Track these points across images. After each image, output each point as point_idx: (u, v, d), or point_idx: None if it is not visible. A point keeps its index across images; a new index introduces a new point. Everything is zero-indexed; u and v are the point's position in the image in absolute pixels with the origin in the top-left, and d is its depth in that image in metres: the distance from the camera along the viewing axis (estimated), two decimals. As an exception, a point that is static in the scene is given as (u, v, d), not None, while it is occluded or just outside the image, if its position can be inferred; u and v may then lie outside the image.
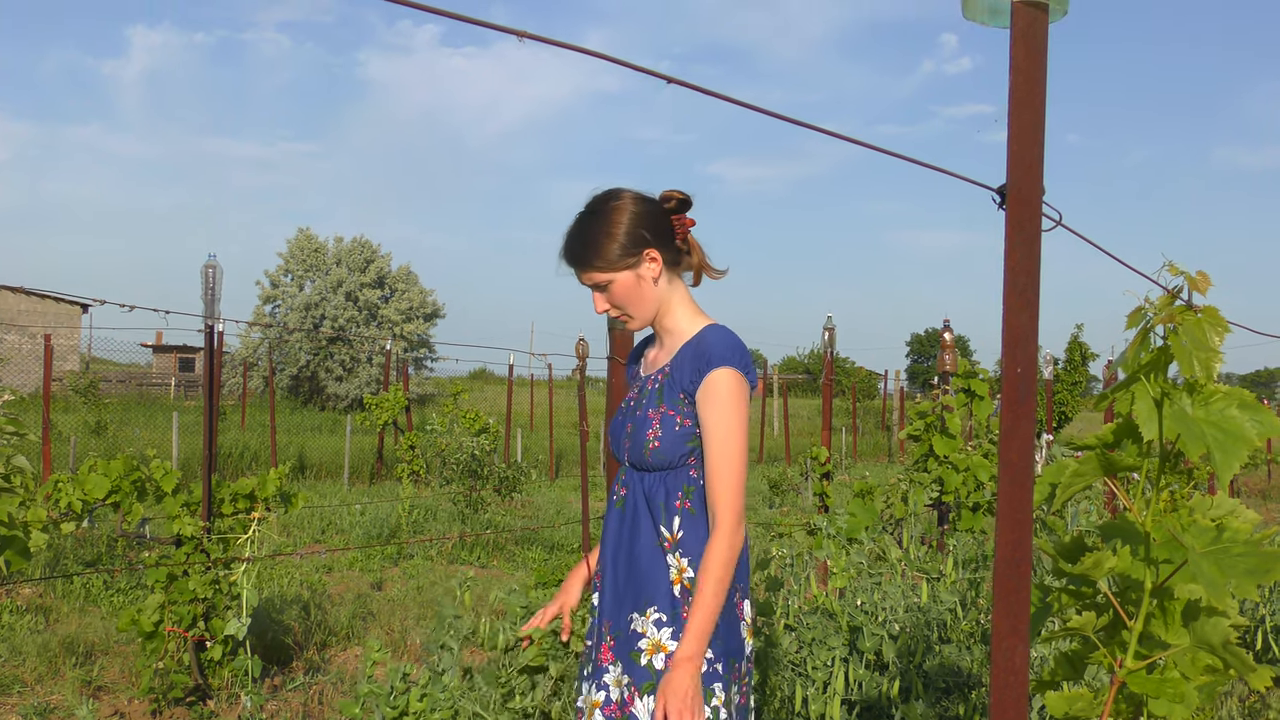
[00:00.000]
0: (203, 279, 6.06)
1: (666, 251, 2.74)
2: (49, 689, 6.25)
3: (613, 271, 2.71)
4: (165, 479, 6.26)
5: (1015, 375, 1.31)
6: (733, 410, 2.60)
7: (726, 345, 2.65)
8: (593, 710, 2.70)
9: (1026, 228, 1.30)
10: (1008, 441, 1.32)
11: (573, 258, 2.75)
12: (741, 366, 2.63)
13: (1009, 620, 1.31)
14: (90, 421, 23.21)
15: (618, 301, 2.75)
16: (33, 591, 8.42)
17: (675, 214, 2.78)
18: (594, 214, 2.73)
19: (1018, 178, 1.30)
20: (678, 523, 2.67)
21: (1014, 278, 1.31)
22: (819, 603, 4.26)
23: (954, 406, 7.15)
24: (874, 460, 28.17)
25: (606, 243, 2.69)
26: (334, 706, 5.81)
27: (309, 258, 41.31)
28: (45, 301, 39.54)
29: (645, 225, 2.71)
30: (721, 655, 2.64)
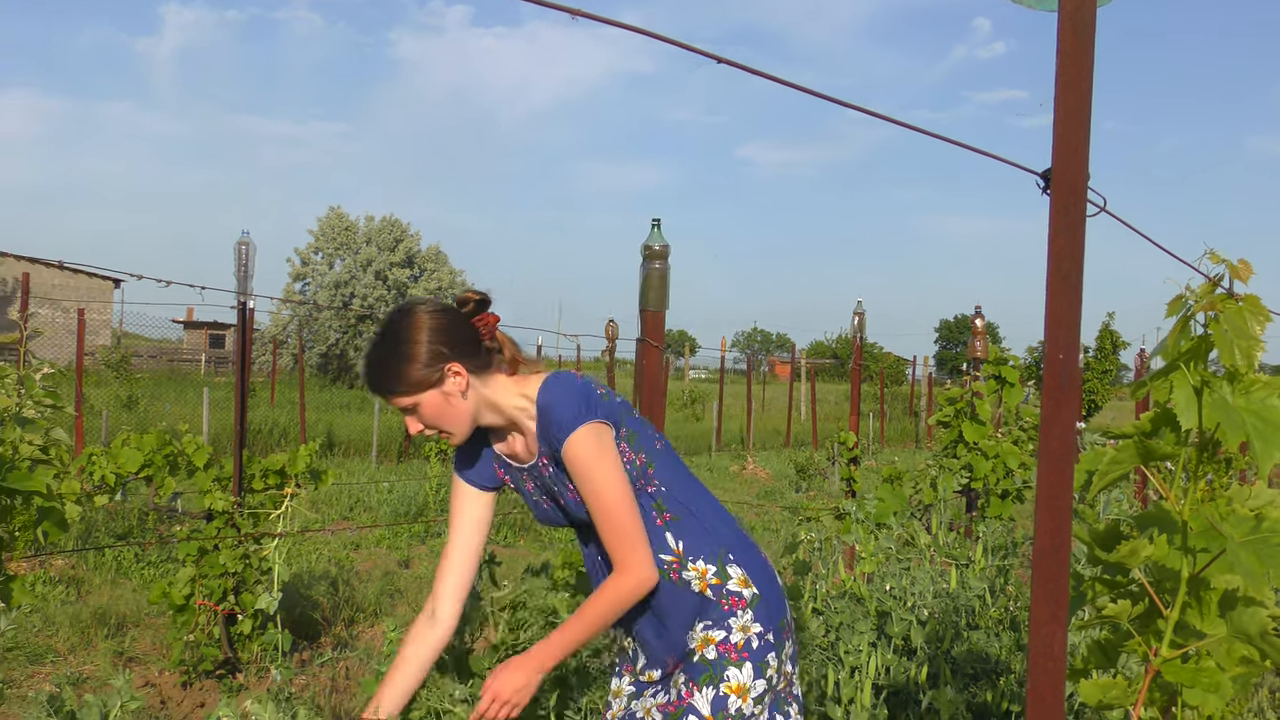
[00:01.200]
0: (236, 256, 6.09)
1: (471, 360, 2.63)
2: (81, 659, 6.32)
3: (416, 394, 2.60)
4: (197, 454, 6.30)
5: (1057, 361, 1.30)
6: (597, 470, 2.55)
7: (562, 406, 2.57)
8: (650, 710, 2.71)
9: (1071, 213, 1.29)
10: (1048, 428, 1.32)
11: (373, 385, 2.67)
12: (586, 415, 2.55)
13: (1048, 607, 1.30)
14: (122, 396, 23.40)
15: (430, 421, 2.65)
16: (65, 563, 8.51)
17: (476, 316, 2.69)
18: (388, 337, 2.63)
19: (1063, 162, 1.29)
20: (670, 537, 2.65)
21: (1058, 263, 1.31)
22: (847, 587, 4.26)
23: (984, 393, 7.12)
24: (901, 446, 28.11)
25: (404, 366, 2.59)
26: (360, 683, 5.86)
27: (339, 236, 41.48)
28: (78, 276, 39.86)
29: (443, 340, 2.61)
30: (768, 622, 2.65)
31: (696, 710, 2.60)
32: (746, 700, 2.60)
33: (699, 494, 2.72)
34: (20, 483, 2.74)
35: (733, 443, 25.83)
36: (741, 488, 17.21)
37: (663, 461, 2.68)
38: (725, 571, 2.65)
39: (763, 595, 2.65)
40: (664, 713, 2.65)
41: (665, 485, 2.65)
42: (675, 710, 2.62)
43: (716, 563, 2.65)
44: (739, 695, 2.60)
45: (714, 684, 2.60)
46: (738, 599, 2.64)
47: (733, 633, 2.61)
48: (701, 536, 2.65)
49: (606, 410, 2.59)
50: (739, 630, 2.61)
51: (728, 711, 2.58)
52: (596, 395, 2.60)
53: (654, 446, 2.68)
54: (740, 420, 28.10)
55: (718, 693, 2.60)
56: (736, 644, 2.61)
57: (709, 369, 57.55)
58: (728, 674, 2.60)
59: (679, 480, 2.69)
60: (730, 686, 2.59)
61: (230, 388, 27.83)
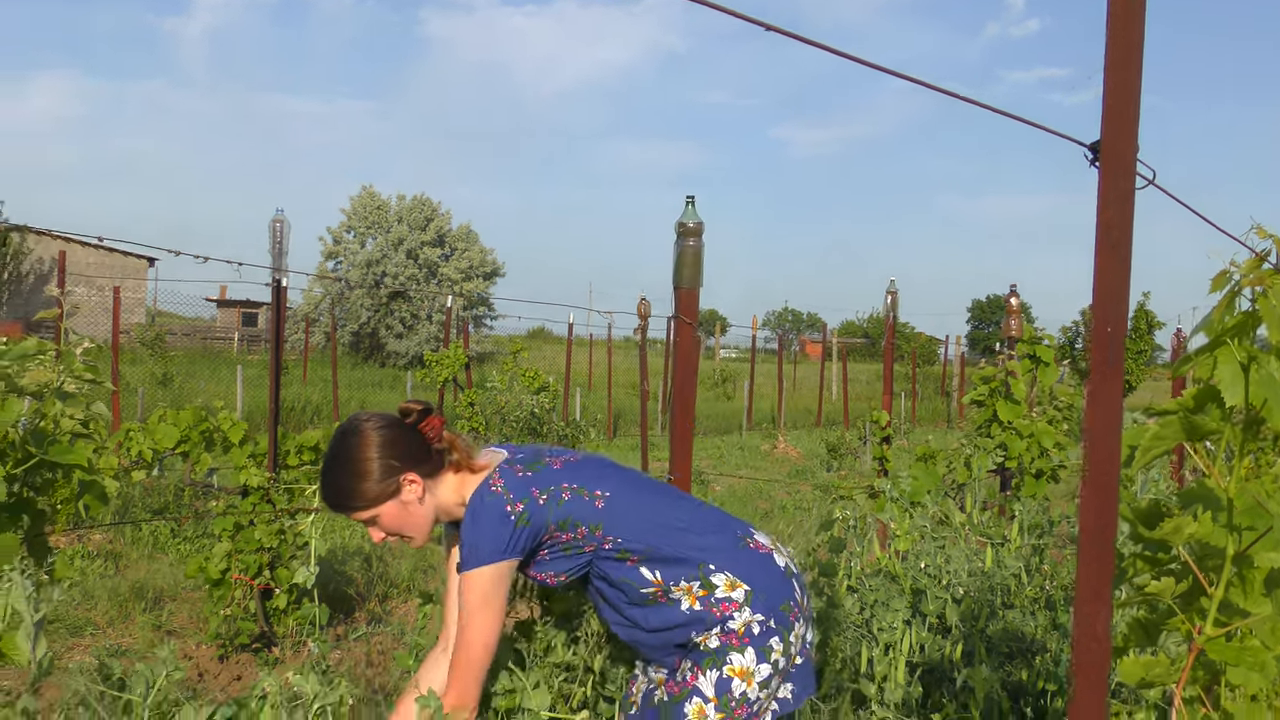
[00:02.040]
0: (270, 233, 6.12)
1: (423, 466, 2.72)
2: (120, 632, 6.38)
3: (375, 508, 2.69)
4: (232, 430, 6.35)
5: (1105, 334, 1.29)
6: (474, 617, 2.63)
7: (472, 540, 2.64)
8: (659, 684, 2.78)
9: (1120, 185, 1.28)
10: (1095, 403, 1.30)
11: (332, 505, 2.75)
12: (490, 555, 2.62)
13: (1092, 585, 1.29)
14: (157, 373, 23.58)
15: (390, 529, 2.74)
16: (103, 538, 8.60)
17: (420, 423, 2.75)
18: (339, 458, 2.71)
19: (1113, 134, 1.27)
20: (646, 571, 2.71)
21: (1106, 235, 1.29)
22: (882, 565, 4.25)
23: (1019, 372, 7.07)
24: (933, 426, 27.99)
25: (358, 484, 2.67)
26: (394, 658, 5.89)
27: (371, 215, 41.60)
28: (113, 255, 40.13)
29: (393, 453, 2.69)
30: (769, 610, 2.68)
31: (700, 691, 2.65)
32: (751, 684, 2.64)
33: (665, 519, 2.76)
34: (61, 456, 2.77)
35: (764, 422, 25.81)
36: (772, 466, 17.20)
37: (610, 515, 2.72)
38: (709, 583, 2.70)
39: (754, 588, 2.70)
40: (670, 694, 2.71)
41: (620, 535, 2.70)
42: (680, 691, 2.68)
43: (700, 578, 2.70)
44: (743, 678, 2.64)
45: (717, 667, 2.65)
46: (729, 603, 2.69)
47: (735, 628, 2.66)
48: (674, 564, 2.70)
49: (518, 537, 2.65)
50: (740, 625, 2.66)
51: (732, 694, 2.63)
52: (507, 528, 2.64)
53: (594, 509, 2.71)
54: (771, 399, 28.07)
55: (721, 675, 2.65)
56: (737, 631, 2.67)
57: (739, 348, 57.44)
58: (730, 658, 2.66)
59: (636, 521, 2.73)
60: (733, 669, 2.65)
61: (263, 365, 28.01)
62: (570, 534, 2.69)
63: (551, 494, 2.69)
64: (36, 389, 2.86)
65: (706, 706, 2.63)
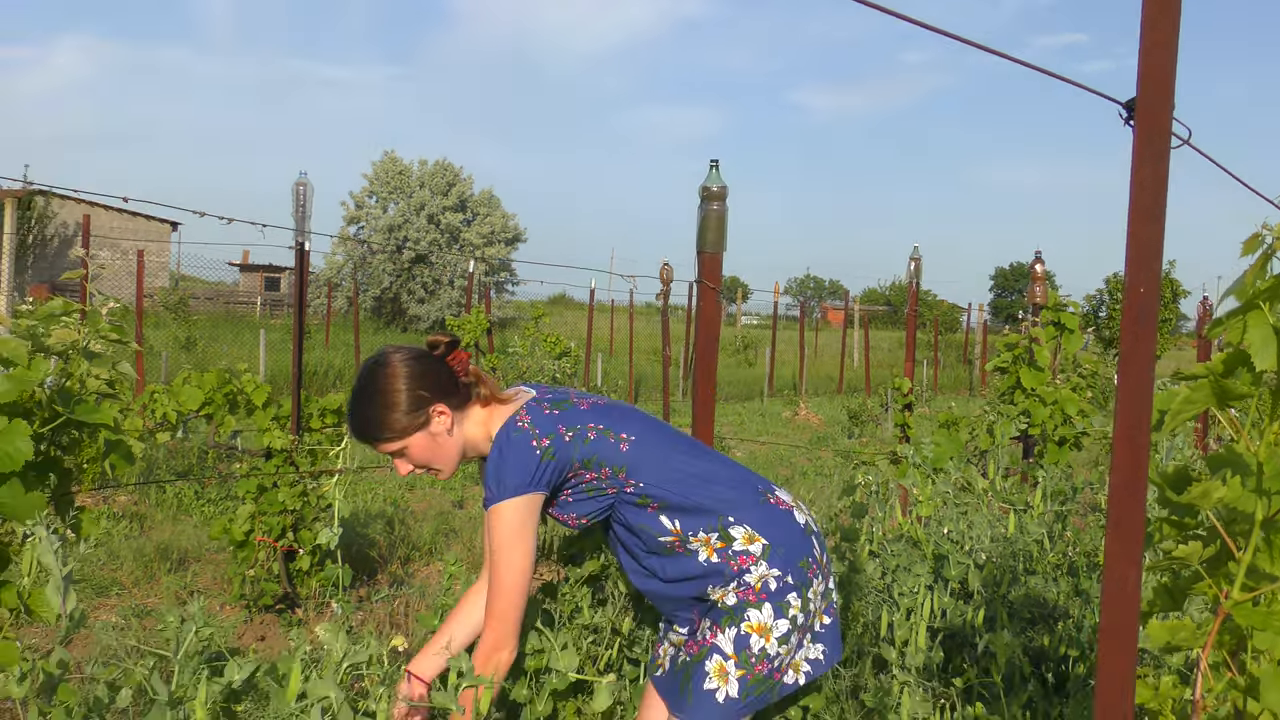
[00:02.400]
0: (294, 196, 6.12)
1: (451, 399, 2.72)
2: (145, 592, 6.44)
3: (404, 439, 2.70)
4: (256, 393, 6.38)
5: (1138, 294, 1.28)
6: (504, 549, 2.62)
7: (502, 471, 2.64)
8: (680, 643, 2.82)
9: (1156, 142, 1.26)
10: (1127, 363, 1.29)
11: (361, 435, 2.75)
12: (519, 488, 2.62)
13: (1122, 545, 1.29)
14: (180, 337, 23.70)
15: (419, 461, 2.75)
16: (128, 499, 8.67)
17: (448, 356, 2.77)
18: (368, 389, 2.71)
19: (1149, 91, 1.26)
20: (665, 519, 2.72)
21: (1140, 194, 1.27)
22: (904, 530, 4.24)
23: (1043, 339, 7.03)
24: (954, 394, 27.92)
25: (388, 414, 2.68)
26: (417, 619, 5.93)
27: (393, 180, 41.60)
28: (136, 219, 40.24)
29: (422, 384, 2.70)
30: (787, 566, 2.69)
31: (720, 649, 2.67)
32: (770, 640, 2.65)
33: (688, 468, 2.77)
34: (87, 415, 2.78)
35: (785, 388, 25.79)
36: (794, 433, 17.19)
37: (635, 459, 2.72)
38: (728, 535, 2.71)
39: (773, 544, 2.71)
40: (690, 653, 2.73)
41: (642, 480, 2.71)
42: (700, 650, 2.70)
43: (718, 529, 2.71)
44: (760, 634, 2.65)
45: (735, 624, 2.67)
46: (746, 556, 2.69)
47: (752, 583, 2.67)
48: (694, 513, 2.71)
49: (544, 471, 2.65)
50: (757, 579, 2.67)
51: (750, 650, 2.65)
52: (533, 461, 2.64)
53: (619, 452, 2.72)
54: (792, 366, 28.04)
55: (739, 631, 2.67)
56: (754, 586, 2.68)
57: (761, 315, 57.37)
58: (748, 614, 2.67)
59: (660, 467, 2.73)
60: (751, 625, 2.66)
61: (285, 330, 28.14)
62: (594, 474, 2.69)
63: (577, 432, 2.70)
64: (63, 349, 2.88)
65: (726, 663, 2.65)
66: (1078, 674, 3.64)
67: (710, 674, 2.65)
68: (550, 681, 3.05)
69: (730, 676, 2.64)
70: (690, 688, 2.67)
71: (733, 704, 2.65)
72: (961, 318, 42.06)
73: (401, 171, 41.84)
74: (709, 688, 2.65)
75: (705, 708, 2.65)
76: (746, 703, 2.66)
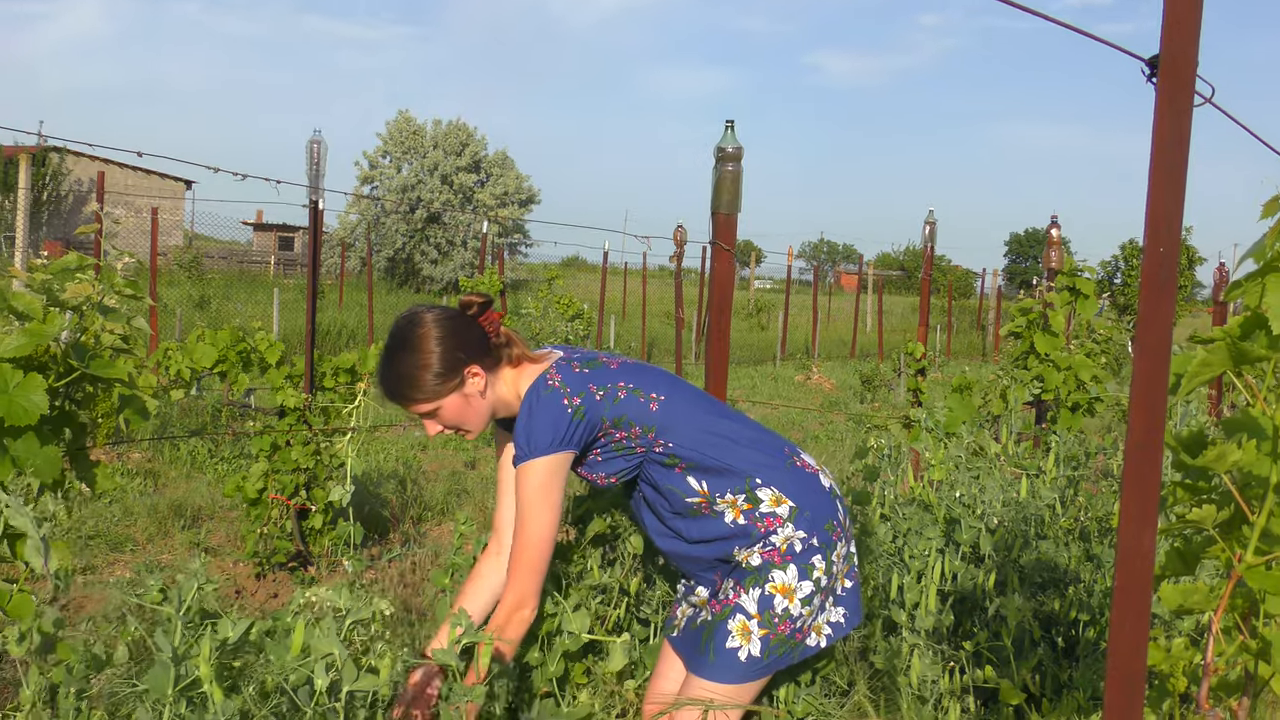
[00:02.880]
0: (308, 154, 6.10)
1: (485, 359, 2.69)
2: (159, 548, 6.48)
3: (438, 400, 2.66)
4: (269, 351, 6.39)
5: (1158, 255, 1.26)
6: (533, 506, 2.61)
7: (530, 430, 2.62)
8: (703, 605, 2.82)
9: (1178, 100, 1.25)
10: (1146, 324, 1.28)
11: (393, 395, 2.70)
12: (549, 447, 2.60)
13: (1138, 505, 1.28)
14: (194, 296, 23.77)
15: (450, 422, 2.71)
16: (142, 457, 8.71)
17: (480, 316, 2.72)
18: (402, 348, 2.66)
19: (1173, 48, 1.24)
20: (693, 480, 2.71)
21: (1161, 153, 1.26)
22: (915, 494, 4.24)
23: (1057, 304, 7.00)
24: (967, 359, 27.86)
25: (423, 375, 2.64)
26: (429, 577, 5.95)
27: (407, 140, 41.50)
28: (150, 177, 40.27)
29: (457, 345, 2.66)
30: (812, 528, 2.69)
31: (743, 608, 2.67)
32: (793, 601, 2.66)
33: (716, 430, 2.75)
34: (102, 370, 2.79)
35: (797, 353, 25.77)
36: (806, 397, 17.19)
37: (664, 419, 2.71)
38: (755, 497, 2.71)
39: (799, 506, 2.71)
40: (714, 612, 2.73)
41: (672, 441, 2.70)
42: (722, 609, 2.70)
43: (745, 491, 2.71)
44: (785, 595, 2.66)
45: (759, 584, 2.67)
46: (773, 519, 2.69)
47: (778, 544, 2.67)
48: (723, 473, 2.71)
49: (574, 430, 2.64)
50: (783, 541, 2.67)
51: (774, 610, 2.65)
52: (564, 419, 2.63)
53: (649, 411, 2.71)
54: (805, 331, 28.01)
55: (763, 592, 2.67)
56: (780, 548, 2.68)
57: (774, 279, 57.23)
58: (772, 575, 2.67)
59: (689, 427, 2.72)
60: (775, 586, 2.66)
61: (299, 289, 28.16)
62: (624, 433, 2.68)
63: (608, 391, 2.69)
64: (78, 304, 2.88)
65: (750, 623, 2.65)
66: (1088, 638, 3.65)
67: (733, 633, 2.66)
68: (562, 643, 3.06)
69: (753, 635, 2.65)
70: (712, 645, 2.68)
71: (754, 662, 2.65)
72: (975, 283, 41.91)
73: (415, 131, 41.73)
74: (731, 646, 2.66)
75: (727, 665, 2.66)
76: (768, 661, 2.66)
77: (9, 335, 2.63)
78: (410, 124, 41.91)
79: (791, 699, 3.13)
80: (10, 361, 2.57)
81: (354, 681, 2.22)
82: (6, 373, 2.53)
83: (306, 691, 2.22)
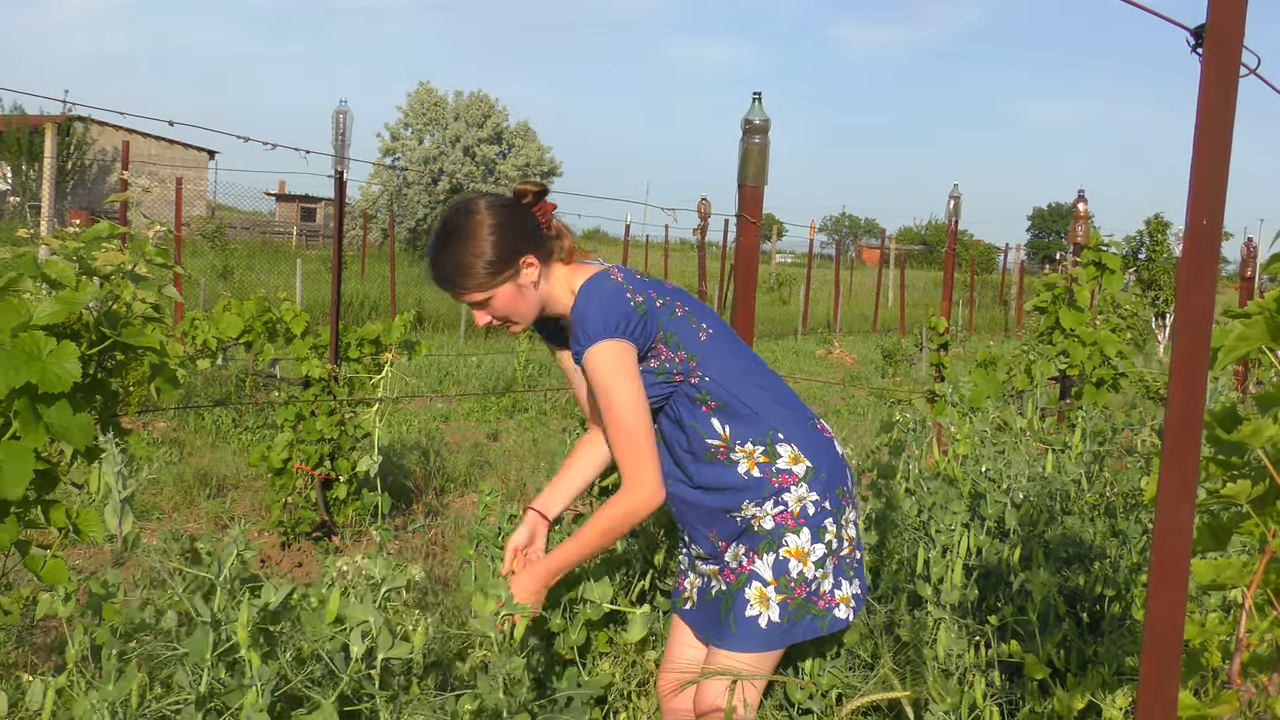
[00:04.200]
0: (333, 125, 6.10)
1: (540, 250, 2.63)
2: (185, 517, 6.54)
3: (492, 289, 2.60)
4: (295, 321, 6.42)
5: (1200, 227, 1.26)
6: (611, 387, 2.54)
7: (591, 316, 2.55)
8: (712, 575, 2.78)
9: (1224, 70, 1.24)
10: (1187, 296, 1.28)
11: (446, 283, 2.63)
12: (610, 330, 2.53)
13: (1177, 477, 1.28)
14: (218, 266, 23.85)
15: (500, 313, 2.65)
16: (167, 426, 8.77)
17: (535, 206, 2.67)
18: (457, 234, 2.59)
19: (1219, 16, 1.23)
20: (717, 423, 2.68)
21: (1206, 122, 1.25)
22: (941, 469, 4.24)
23: (1083, 279, 6.96)
24: (990, 335, 27.79)
25: (477, 262, 2.57)
26: (452, 548, 5.99)
27: (428, 111, 41.45)
28: (174, 147, 40.38)
29: (514, 232, 2.60)
30: (825, 491, 2.69)
31: (759, 575, 2.66)
32: (807, 564, 2.66)
33: (750, 377, 2.73)
34: (134, 338, 2.81)
35: (819, 327, 25.75)
36: (827, 371, 17.18)
37: (708, 351, 2.68)
38: (774, 450, 2.68)
39: (816, 467, 2.69)
40: (728, 581, 2.71)
41: (709, 376, 2.66)
42: (738, 578, 2.69)
43: (765, 443, 2.68)
44: (799, 559, 2.65)
45: (774, 549, 2.66)
46: (789, 476, 2.67)
47: (790, 505, 2.66)
48: (749, 420, 2.68)
49: (636, 324, 2.58)
50: (795, 501, 2.66)
51: (789, 575, 2.65)
52: (627, 309, 2.57)
53: (697, 339, 2.67)
54: (827, 305, 27.97)
55: (778, 557, 2.66)
56: (793, 511, 2.66)
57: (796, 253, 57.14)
58: (786, 539, 2.65)
59: (728, 366, 2.70)
60: (789, 550, 2.65)
61: (321, 260, 28.22)
62: (670, 353, 2.64)
63: (666, 302, 2.66)
64: (108, 272, 2.89)
65: (767, 589, 2.65)
66: (1113, 614, 3.65)
67: (751, 600, 2.65)
68: (584, 611, 3.08)
69: (771, 601, 2.64)
70: (731, 616, 2.67)
71: (775, 628, 2.65)
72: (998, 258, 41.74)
73: (437, 103, 41.67)
74: (750, 614, 2.65)
75: (749, 634, 2.65)
76: (788, 627, 2.65)
77: (42, 303, 2.64)
78: (431, 95, 41.85)
79: (817, 672, 3.14)
80: (43, 329, 2.59)
81: (389, 649, 2.24)
82: (40, 340, 2.54)
83: (342, 658, 2.24)
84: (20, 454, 2.53)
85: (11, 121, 36.08)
